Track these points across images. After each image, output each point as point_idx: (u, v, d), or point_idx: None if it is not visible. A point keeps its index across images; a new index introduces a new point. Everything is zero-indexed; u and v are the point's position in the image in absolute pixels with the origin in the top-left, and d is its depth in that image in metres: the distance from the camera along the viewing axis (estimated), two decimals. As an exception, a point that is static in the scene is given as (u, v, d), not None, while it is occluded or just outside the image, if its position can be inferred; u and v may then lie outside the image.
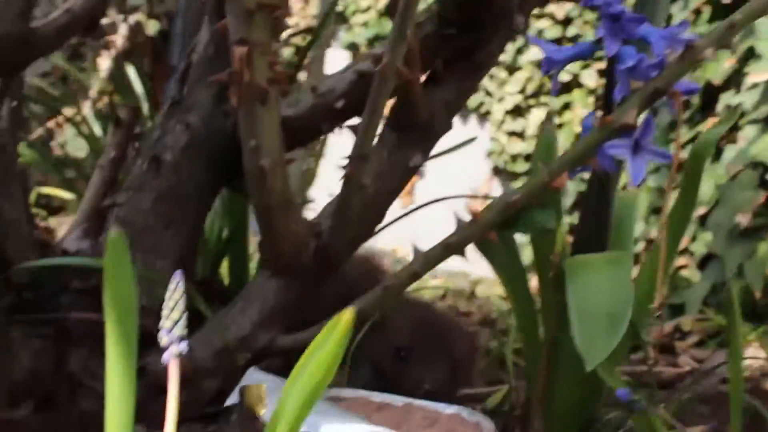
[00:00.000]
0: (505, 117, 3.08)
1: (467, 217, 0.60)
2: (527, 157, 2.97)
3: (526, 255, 1.12)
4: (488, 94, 3.13)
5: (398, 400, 0.73)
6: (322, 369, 0.25)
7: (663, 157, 0.53)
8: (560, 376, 0.65)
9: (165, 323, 0.36)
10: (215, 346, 0.75)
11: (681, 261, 1.86)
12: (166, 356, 0.36)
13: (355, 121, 0.67)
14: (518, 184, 2.90)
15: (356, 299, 0.71)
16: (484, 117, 3.20)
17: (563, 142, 2.52)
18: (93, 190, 0.86)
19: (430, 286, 2.37)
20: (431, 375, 0.84)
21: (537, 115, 2.95)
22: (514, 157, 2.98)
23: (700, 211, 1.77)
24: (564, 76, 2.87)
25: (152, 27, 3.55)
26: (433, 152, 0.76)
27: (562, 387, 0.67)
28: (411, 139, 0.71)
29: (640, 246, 1.89)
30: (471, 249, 0.73)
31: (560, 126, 2.73)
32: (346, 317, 0.26)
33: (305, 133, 0.79)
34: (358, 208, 0.69)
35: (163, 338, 0.36)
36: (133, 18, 3.29)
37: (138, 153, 0.83)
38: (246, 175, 0.68)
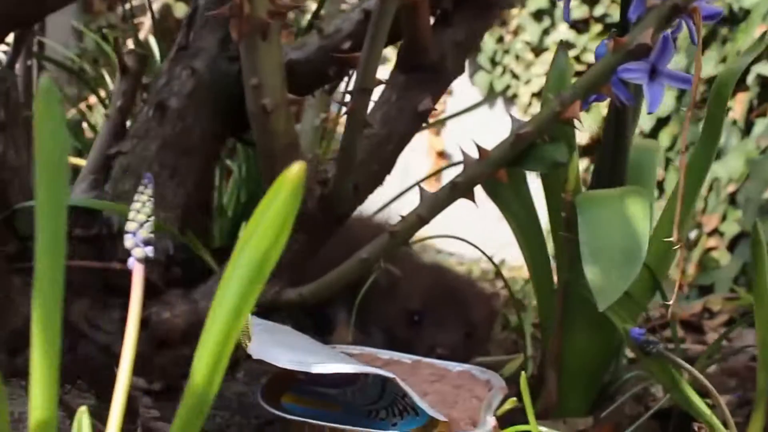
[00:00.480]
0: (532, 100, 3.02)
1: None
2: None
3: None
4: (515, 76, 3.07)
5: (406, 357, 0.71)
6: (271, 232, 0.23)
7: (683, 82, 0.49)
8: (575, 327, 0.61)
9: (130, 225, 0.34)
10: (219, 299, 0.73)
11: (711, 242, 1.81)
12: (130, 261, 0.34)
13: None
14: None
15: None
16: (510, 101, 3.14)
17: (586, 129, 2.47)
18: (101, 141, 0.84)
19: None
20: (445, 340, 0.81)
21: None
22: (542, 141, 2.92)
23: (730, 188, 1.71)
24: (587, 62, 2.80)
25: (180, 10, 3.55)
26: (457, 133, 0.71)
27: (577, 341, 0.63)
28: (420, 80, 0.67)
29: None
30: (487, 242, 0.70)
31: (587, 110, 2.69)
32: (294, 170, 0.23)
33: (313, 78, 0.77)
34: (364, 150, 0.66)
35: (128, 240, 0.34)
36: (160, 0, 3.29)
37: (145, 102, 0.81)
38: (249, 118, 0.66)
